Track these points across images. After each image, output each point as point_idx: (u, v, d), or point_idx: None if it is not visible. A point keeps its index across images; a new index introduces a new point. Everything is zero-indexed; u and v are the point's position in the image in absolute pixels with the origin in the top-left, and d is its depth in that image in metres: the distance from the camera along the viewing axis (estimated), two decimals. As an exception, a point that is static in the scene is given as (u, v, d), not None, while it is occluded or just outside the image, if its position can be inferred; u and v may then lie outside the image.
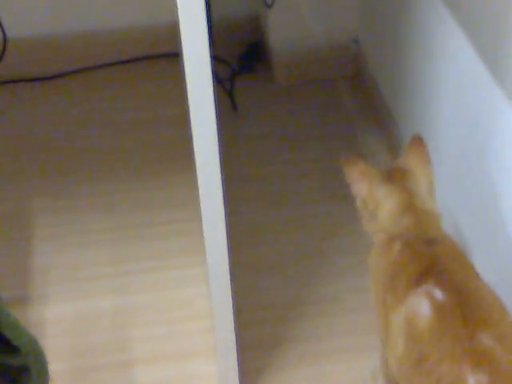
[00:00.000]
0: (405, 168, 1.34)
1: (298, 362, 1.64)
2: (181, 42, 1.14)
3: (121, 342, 1.69)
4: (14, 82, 2.40)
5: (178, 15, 1.10)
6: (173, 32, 2.36)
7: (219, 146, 1.24)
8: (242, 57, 2.46)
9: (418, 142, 1.38)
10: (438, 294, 1.16)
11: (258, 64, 2.46)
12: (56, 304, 1.78)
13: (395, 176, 1.33)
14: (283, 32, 2.32)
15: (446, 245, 1.27)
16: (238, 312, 1.45)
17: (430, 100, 1.82)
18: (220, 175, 1.27)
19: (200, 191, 1.29)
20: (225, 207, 1.31)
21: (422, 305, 1.17)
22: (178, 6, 1.09)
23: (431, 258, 1.23)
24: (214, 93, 1.20)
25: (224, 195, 1.29)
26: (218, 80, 2.30)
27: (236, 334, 1.46)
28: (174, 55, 2.39)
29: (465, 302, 1.15)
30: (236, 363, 1.51)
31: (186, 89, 1.19)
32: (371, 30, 2.26)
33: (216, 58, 2.38)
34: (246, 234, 1.91)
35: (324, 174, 2.09)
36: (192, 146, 1.25)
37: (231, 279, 1.39)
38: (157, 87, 2.39)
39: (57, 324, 1.73)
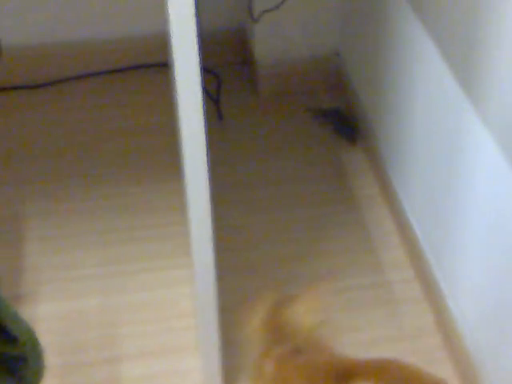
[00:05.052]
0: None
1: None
2: (171, 53, 1.18)
3: (109, 339, 1.74)
4: (6, 89, 2.45)
5: (169, 26, 1.15)
6: (163, 42, 2.43)
7: (207, 152, 1.29)
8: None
9: (312, 295, 1.33)
10: None
11: (243, 74, 2.52)
12: (47, 303, 1.82)
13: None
14: (268, 45, 2.37)
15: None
16: (222, 311, 1.51)
17: (406, 114, 1.88)
18: (207, 181, 1.31)
19: (188, 196, 1.32)
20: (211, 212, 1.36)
21: None
22: (170, 18, 1.13)
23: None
24: (203, 102, 1.25)
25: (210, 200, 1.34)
26: (205, 90, 2.36)
27: (219, 332, 1.51)
28: (163, 65, 2.46)
29: None
30: (219, 360, 1.55)
31: (176, 97, 1.23)
32: (352, 44, 2.32)
33: (203, 69, 2.44)
34: (230, 237, 1.96)
35: (306, 180, 2.15)
36: (178, 153, 1.27)
37: (216, 279, 1.45)
38: (147, 96, 2.44)
39: (47, 322, 1.77)
